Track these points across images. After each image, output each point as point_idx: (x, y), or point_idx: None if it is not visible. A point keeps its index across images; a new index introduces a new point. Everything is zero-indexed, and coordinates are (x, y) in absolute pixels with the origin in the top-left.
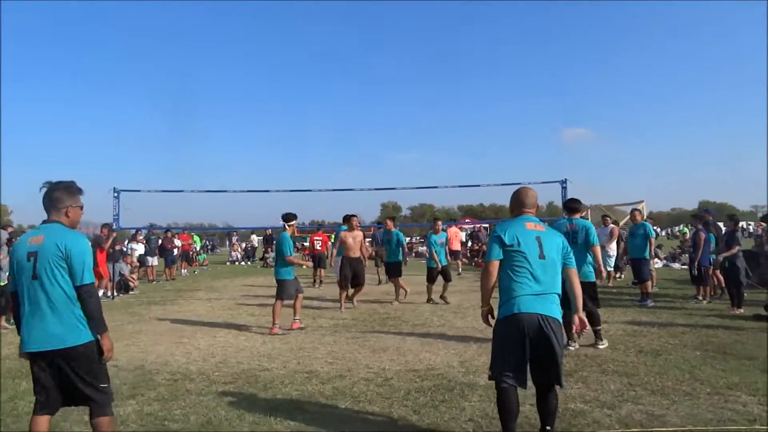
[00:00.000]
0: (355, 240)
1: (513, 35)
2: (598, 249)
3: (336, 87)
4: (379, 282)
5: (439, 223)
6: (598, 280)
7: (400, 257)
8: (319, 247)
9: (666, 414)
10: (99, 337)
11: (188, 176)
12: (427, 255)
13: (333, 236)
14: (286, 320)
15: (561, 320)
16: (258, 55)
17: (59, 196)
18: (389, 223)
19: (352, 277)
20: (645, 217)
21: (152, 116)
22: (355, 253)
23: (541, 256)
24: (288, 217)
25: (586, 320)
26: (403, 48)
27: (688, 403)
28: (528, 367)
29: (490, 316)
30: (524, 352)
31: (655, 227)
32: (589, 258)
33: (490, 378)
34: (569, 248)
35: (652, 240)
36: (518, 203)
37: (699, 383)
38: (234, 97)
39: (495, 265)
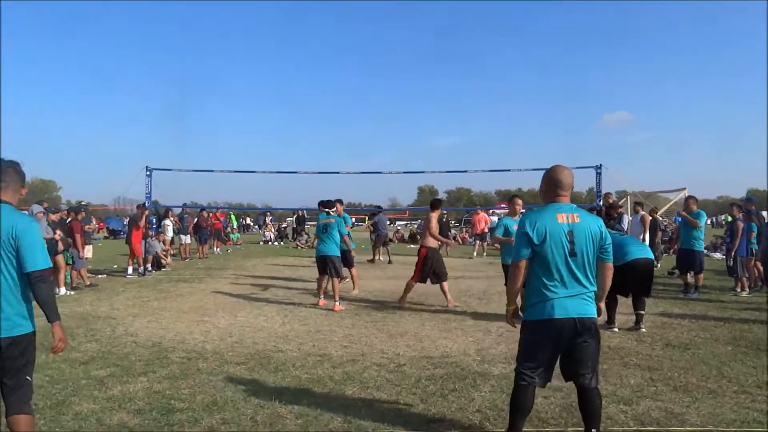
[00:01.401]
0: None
1: (556, 19)
2: None
3: (374, 69)
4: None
5: (519, 202)
6: None
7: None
8: None
9: (686, 412)
10: (51, 325)
11: (221, 158)
12: (500, 248)
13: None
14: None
15: (595, 317)
16: (293, 35)
17: (11, 175)
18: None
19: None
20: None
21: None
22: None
23: (572, 254)
24: (330, 204)
25: (602, 310)
26: (447, 31)
27: (711, 401)
28: (554, 368)
29: (517, 316)
30: (555, 355)
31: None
32: None
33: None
34: (608, 238)
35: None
36: (552, 184)
37: (726, 381)
38: (268, 79)
39: (523, 265)
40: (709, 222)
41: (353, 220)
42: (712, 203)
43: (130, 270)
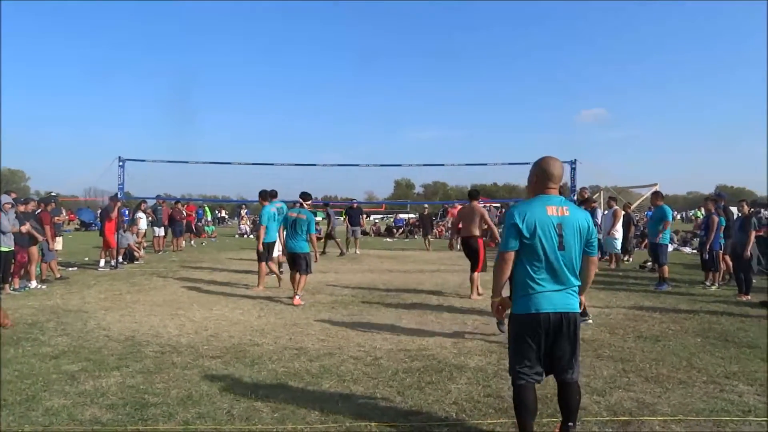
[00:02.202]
0: None
1: (533, 12)
2: None
3: (331, 66)
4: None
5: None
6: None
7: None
8: None
9: (657, 402)
10: None
11: (199, 150)
12: None
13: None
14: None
15: (578, 312)
16: (268, 27)
17: None
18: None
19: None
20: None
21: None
22: None
23: (561, 247)
24: (306, 196)
25: (583, 303)
26: (423, 24)
27: (682, 391)
28: (545, 363)
29: (500, 308)
30: (541, 349)
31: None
32: None
33: (510, 372)
34: (594, 231)
35: (667, 223)
36: (543, 176)
37: (696, 371)
38: (225, 77)
39: (511, 257)
40: (679, 217)
41: (333, 212)
42: (683, 198)
43: (102, 263)
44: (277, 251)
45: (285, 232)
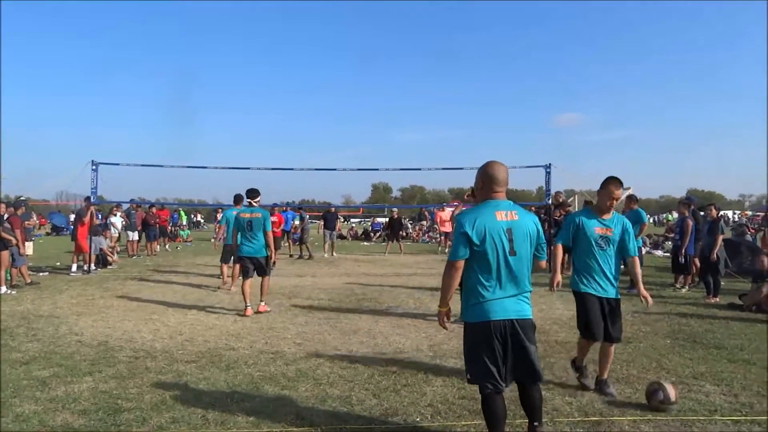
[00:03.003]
0: None
1: (510, 17)
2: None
3: (330, 66)
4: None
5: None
6: None
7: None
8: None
9: (627, 403)
10: None
11: (177, 154)
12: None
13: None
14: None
15: (531, 318)
16: (249, 34)
17: None
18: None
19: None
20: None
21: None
22: None
23: (512, 252)
24: (255, 193)
25: None
26: (397, 31)
27: None
28: (505, 369)
29: (446, 318)
30: (498, 356)
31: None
32: None
33: (468, 382)
34: (542, 235)
35: (645, 226)
36: (489, 180)
37: (665, 372)
38: (226, 77)
39: (460, 265)
40: (651, 220)
41: (308, 216)
42: (655, 202)
43: (74, 267)
44: None
45: (239, 236)
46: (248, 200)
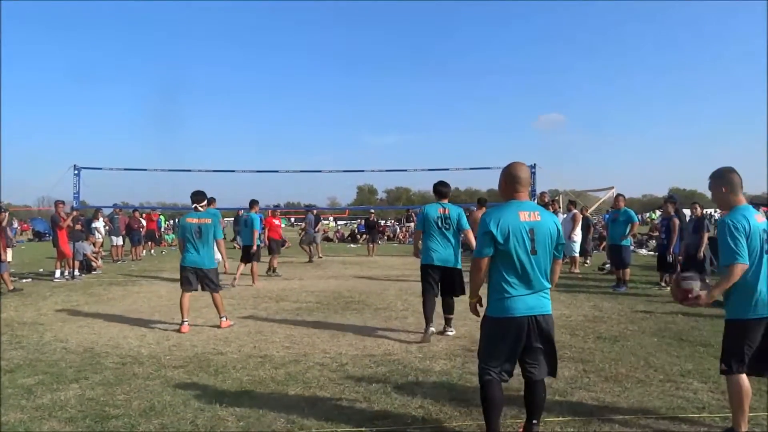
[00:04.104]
0: None
1: (494, 17)
2: (471, 233)
3: (314, 69)
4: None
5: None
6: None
7: (250, 242)
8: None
9: (616, 401)
10: None
11: (161, 158)
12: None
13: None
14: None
15: (551, 313)
16: (233, 37)
17: None
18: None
19: None
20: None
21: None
22: None
23: (533, 251)
24: (201, 197)
25: None
26: (381, 30)
27: (640, 390)
28: (515, 363)
29: (478, 306)
30: (516, 351)
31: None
32: (456, 244)
33: (478, 358)
34: (562, 235)
35: (635, 225)
36: (511, 181)
37: (653, 370)
38: (211, 81)
39: (485, 263)
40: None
41: (293, 219)
42: (638, 201)
43: (57, 273)
44: None
45: (186, 245)
46: (194, 205)
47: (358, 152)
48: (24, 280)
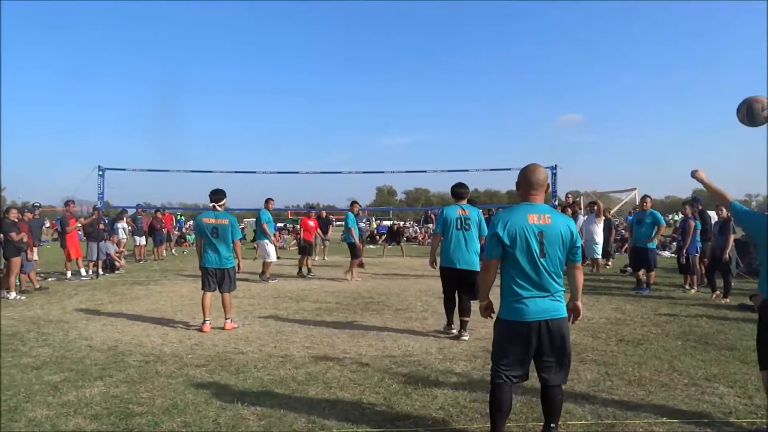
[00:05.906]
0: None
1: (513, 19)
2: (483, 239)
3: (333, 70)
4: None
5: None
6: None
7: (351, 239)
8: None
9: (640, 405)
10: None
11: (184, 158)
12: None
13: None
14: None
15: (565, 316)
16: (251, 38)
17: None
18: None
19: None
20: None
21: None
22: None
23: (542, 254)
24: (220, 196)
25: (581, 309)
26: (400, 33)
27: (664, 394)
28: (529, 366)
29: (489, 310)
30: (528, 353)
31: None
32: (476, 247)
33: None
34: (577, 238)
35: (662, 227)
36: (525, 183)
37: (677, 374)
38: (228, 83)
39: (494, 264)
40: None
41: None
42: (660, 203)
43: (83, 272)
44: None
45: (205, 245)
46: (212, 204)
47: (376, 153)
48: (50, 279)
